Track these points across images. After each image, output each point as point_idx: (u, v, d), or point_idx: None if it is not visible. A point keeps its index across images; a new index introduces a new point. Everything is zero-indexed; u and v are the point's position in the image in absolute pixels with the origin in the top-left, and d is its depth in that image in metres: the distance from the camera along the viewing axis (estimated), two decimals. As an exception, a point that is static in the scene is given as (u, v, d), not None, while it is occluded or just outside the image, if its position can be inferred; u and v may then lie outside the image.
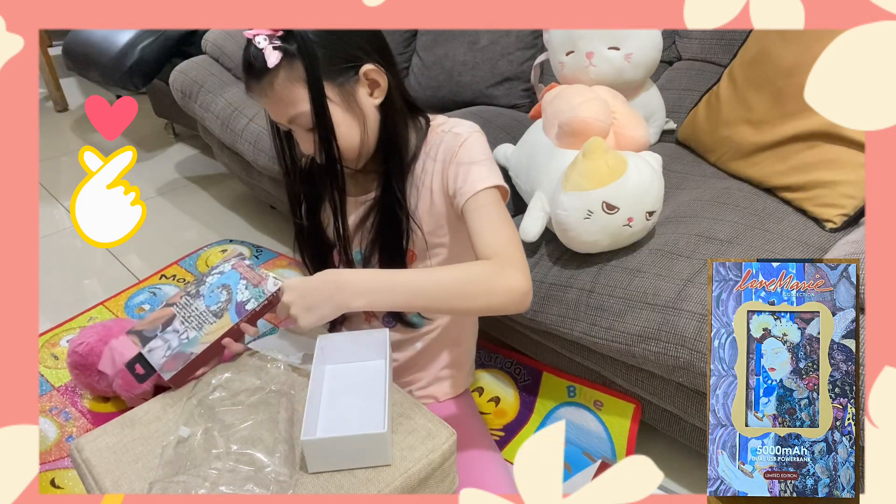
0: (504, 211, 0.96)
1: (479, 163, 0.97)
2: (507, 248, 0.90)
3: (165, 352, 0.91)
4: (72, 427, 1.49)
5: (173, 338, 0.92)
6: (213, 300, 0.93)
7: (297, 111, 0.90)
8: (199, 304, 0.93)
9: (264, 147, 1.83)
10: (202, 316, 0.92)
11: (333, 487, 0.80)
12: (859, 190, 1.17)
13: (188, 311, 0.92)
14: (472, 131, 1.01)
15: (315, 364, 0.90)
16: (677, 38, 1.70)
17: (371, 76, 0.93)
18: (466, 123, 1.03)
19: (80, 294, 2.01)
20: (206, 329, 0.91)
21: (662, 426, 1.29)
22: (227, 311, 0.91)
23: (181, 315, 0.92)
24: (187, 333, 0.91)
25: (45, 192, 2.62)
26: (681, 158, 1.50)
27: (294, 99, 0.90)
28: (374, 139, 0.98)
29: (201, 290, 0.94)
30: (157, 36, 2.41)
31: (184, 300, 0.94)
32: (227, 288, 0.93)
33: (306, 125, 0.92)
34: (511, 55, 1.81)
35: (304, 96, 0.89)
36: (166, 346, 0.91)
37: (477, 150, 0.98)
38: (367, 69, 0.92)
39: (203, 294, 0.94)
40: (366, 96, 0.94)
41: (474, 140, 0.99)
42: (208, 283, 0.95)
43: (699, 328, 1.05)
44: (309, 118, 0.90)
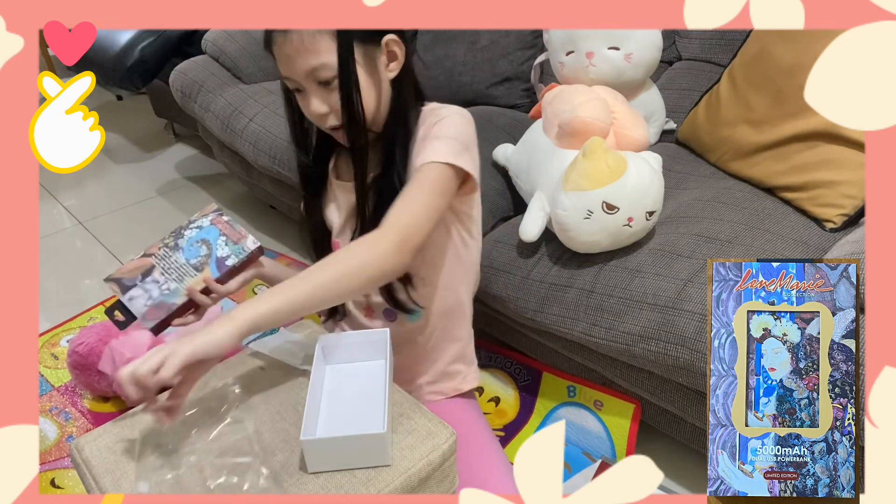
0: (436, 187, 0.92)
1: (443, 138, 0.95)
2: (398, 214, 0.89)
3: (146, 301, 0.92)
4: (72, 427, 1.49)
5: (154, 288, 0.92)
6: (193, 254, 0.93)
7: (321, 61, 0.90)
8: (178, 257, 0.93)
9: (264, 147, 1.83)
10: (182, 268, 0.92)
11: (333, 487, 0.80)
12: (859, 190, 1.17)
13: (167, 262, 0.93)
14: (453, 112, 1.00)
15: (315, 364, 0.90)
16: (677, 38, 1.70)
17: (392, 47, 0.95)
18: (454, 107, 1.02)
19: (80, 294, 2.01)
20: (188, 281, 0.92)
21: (662, 426, 1.29)
22: (207, 265, 0.92)
23: (161, 266, 0.93)
24: (168, 285, 0.92)
25: (45, 192, 2.63)
26: (681, 158, 1.50)
27: (319, 48, 0.90)
28: (385, 113, 0.99)
29: (180, 243, 0.94)
30: (157, 36, 2.41)
31: (162, 251, 0.94)
32: (207, 243, 0.93)
33: (326, 77, 0.92)
34: (511, 55, 1.81)
35: (329, 48, 0.90)
36: (147, 296, 0.92)
37: (449, 128, 0.96)
38: (390, 38, 0.94)
39: (182, 247, 0.94)
40: (384, 66, 0.95)
41: (451, 119, 0.98)
42: (186, 237, 0.95)
43: (699, 328, 1.05)
44: (331, 70, 0.90)
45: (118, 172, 2.80)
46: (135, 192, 2.61)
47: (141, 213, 2.48)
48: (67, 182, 2.67)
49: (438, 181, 0.93)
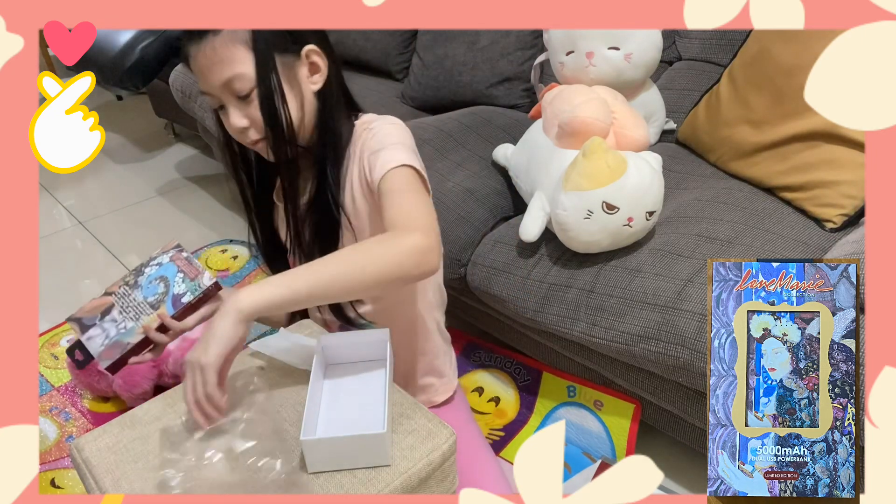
0: (417, 187, 0.90)
1: (388, 147, 0.92)
2: (409, 214, 0.85)
3: (104, 340, 0.93)
4: (72, 427, 1.49)
5: (111, 327, 0.93)
6: (151, 291, 0.94)
7: (236, 71, 0.88)
8: (136, 295, 0.94)
9: (264, 147, 1.83)
10: (139, 307, 0.93)
11: (333, 487, 0.80)
12: (859, 190, 1.17)
13: (126, 301, 0.94)
14: (384, 122, 0.97)
15: (315, 364, 0.90)
16: (677, 38, 1.70)
17: (312, 58, 0.93)
18: (385, 117, 0.99)
19: (80, 294, 2.01)
20: (143, 320, 0.92)
21: (662, 426, 1.29)
22: (163, 302, 0.92)
23: (119, 305, 0.94)
24: (125, 324, 0.93)
25: (45, 191, 2.63)
26: (681, 158, 1.50)
27: (234, 58, 0.87)
28: (311, 126, 0.96)
29: (139, 281, 0.95)
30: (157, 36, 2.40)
31: (122, 290, 0.95)
32: (165, 280, 0.94)
33: (243, 89, 0.89)
34: (511, 55, 1.81)
35: (244, 58, 0.88)
36: (104, 335, 0.93)
37: (385, 136, 0.94)
38: (310, 49, 0.92)
39: (141, 285, 0.95)
40: (305, 77, 0.93)
41: (383, 128, 0.95)
42: (147, 275, 0.96)
43: (699, 328, 1.05)
44: (247, 81, 0.88)
45: (118, 172, 2.80)
46: (135, 192, 2.61)
47: (141, 213, 2.48)
48: (67, 182, 2.67)
49: (412, 181, 0.90)
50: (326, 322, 1.12)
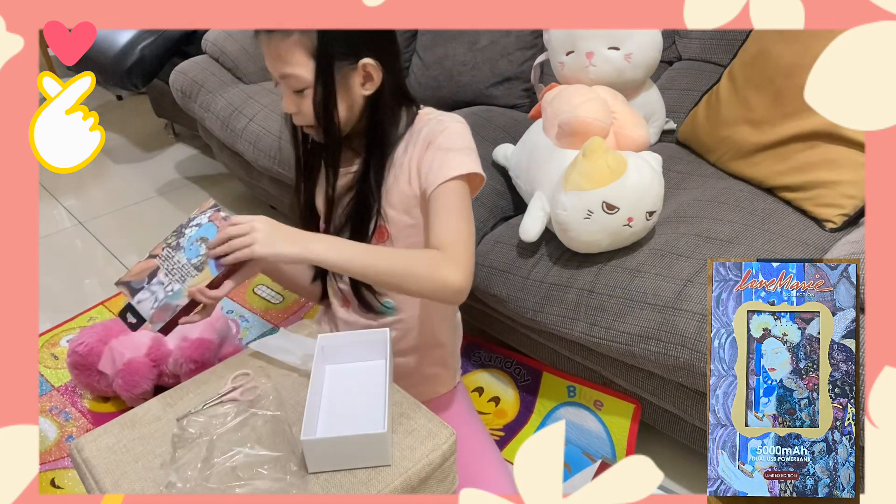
0: (466, 204, 0.98)
1: (456, 150, 0.99)
2: (457, 244, 0.95)
3: (153, 304, 0.93)
4: (72, 427, 1.49)
5: (159, 290, 0.93)
6: (194, 253, 0.94)
7: (292, 72, 0.93)
8: (179, 257, 0.94)
9: (264, 147, 1.83)
10: (184, 269, 0.93)
11: (333, 487, 0.80)
12: (859, 190, 1.17)
13: (170, 263, 0.94)
14: (454, 120, 1.03)
15: (315, 364, 0.90)
16: (677, 38, 1.70)
17: (368, 69, 0.96)
18: (452, 114, 1.05)
19: (80, 294, 2.01)
20: (189, 282, 0.92)
21: (662, 426, 1.29)
22: (206, 263, 0.92)
23: (164, 267, 0.94)
24: (172, 286, 0.93)
25: (45, 192, 2.62)
26: (681, 158, 1.50)
27: (293, 60, 0.93)
28: (357, 122, 1.02)
29: (181, 243, 0.95)
30: (157, 36, 2.41)
31: (165, 252, 0.95)
32: (206, 241, 0.94)
33: (294, 87, 0.95)
34: (511, 55, 1.81)
35: (301, 61, 0.93)
36: (153, 298, 0.93)
37: (457, 138, 1.00)
38: (367, 62, 0.96)
39: (183, 247, 0.95)
40: (357, 84, 0.98)
41: (456, 128, 1.01)
42: (187, 236, 0.95)
43: (699, 328, 1.05)
44: (299, 81, 0.94)
45: (118, 172, 2.80)
46: (135, 192, 2.61)
47: (141, 213, 2.48)
48: (67, 182, 2.67)
49: (465, 197, 0.99)
50: (346, 297, 1.14)
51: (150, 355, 1.45)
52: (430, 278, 0.92)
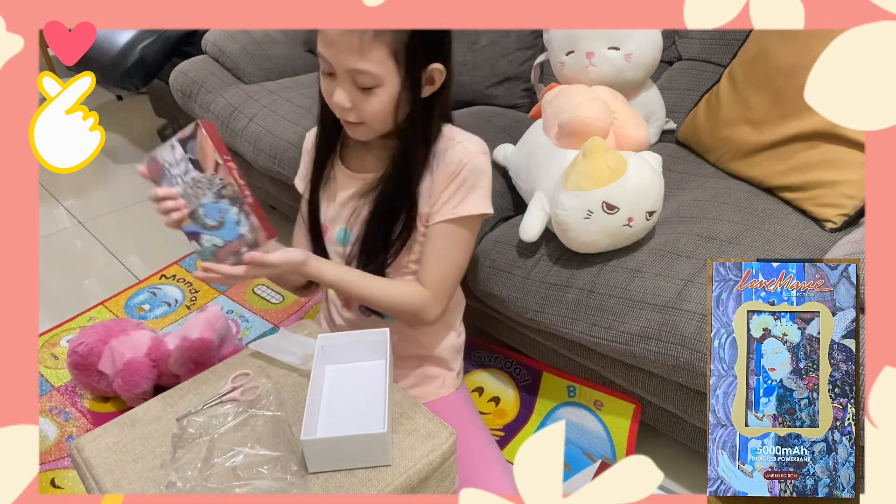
0: (469, 241, 1.05)
1: (476, 188, 1.02)
2: (444, 285, 1.05)
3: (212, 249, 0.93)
4: (72, 427, 1.49)
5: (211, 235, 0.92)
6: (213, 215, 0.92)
7: (367, 69, 0.90)
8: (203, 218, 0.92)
9: (264, 147, 1.83)
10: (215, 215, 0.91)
11: (333, 487, 0.80)
12: (859, 190, 1.17)
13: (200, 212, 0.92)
14: (480, 150, 1.03)
15: (315, 364, 0.90)
16: (677, 38, 1.70)
17: (433, 74, 0.96)
18: (476, 140, 1.05)
19: (80, 294, 2.01)
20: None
21: (662, 426, 1.29)
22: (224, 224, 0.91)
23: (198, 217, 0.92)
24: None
25: (45, 192, 2.62)
26: (681, 158, 1.50)
27: (373, 57, 0.90)
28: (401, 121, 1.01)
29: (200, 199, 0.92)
30: (157, 36, 2.41)
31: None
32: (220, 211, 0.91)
33: (363, 84, 0.92)
34: (511, 55, 1.81)
35: (380, 59, 0.90)
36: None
37: (480, 174, 1.02)
38: (435, 67, 0.96)
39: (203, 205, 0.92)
40: (418, 87, 0.97)
41: (481, 162, 1.02)
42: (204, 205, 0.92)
43: (699, 328, 1.05)
44: (372, 78, 0.91)
45: (118, 172, 2.80)
46: (135, 192, 2.61)
47: (141, 213, 2.48)
48: (67, 182, 2.67)
49: (473, 235, 1.06)
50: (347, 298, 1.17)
51: (150, 355, 1.45)
52: (409, 313, 1.05)
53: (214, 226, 0.91)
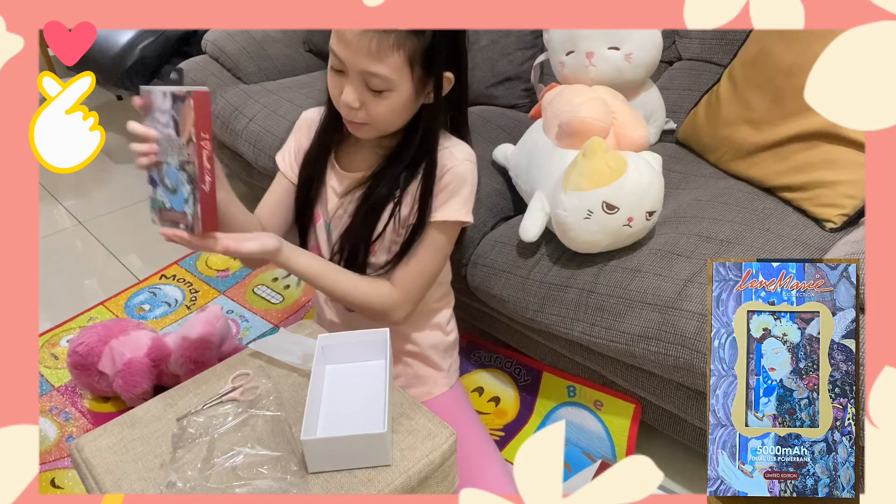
0: (444, 246, 1.05)
1: (458, 195, 1.02)
2: (415, 287, 1.06)
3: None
4: (72, 427, 1.49)
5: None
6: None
7: (380, 72, 0.90)
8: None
9: (264, 147, 1.83)
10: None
11: (333, 487, 0.80)
12: (859, 190, 1.17)
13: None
14: (466, 158, 1.03)
15: (315, 364, 0.90)
16: (677, 38, 1.70)
17: (443, 81, 0.97)
18: (464, 147, 1.05)
19: (80, 294, 2.01)
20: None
21: (662, 426, 1.29)
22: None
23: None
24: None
25: (45, 192, 2.62)
26: (681, 158, 1.50)
27: (387, 61, 0.89)
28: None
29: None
30: (157, 36, 2.41)
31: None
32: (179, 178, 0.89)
33: (376, 86, 0.92)
34: (511, 55, 1.81)
35: (395, 65, 0.90)
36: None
37: (463, 182, 1.02)
38: (447, 76, 0.97)
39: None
40: (427, 92, 0.98)
41: (466, 170, 1.02)
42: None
43: (699, 328, 1.05)
44: (385, 82, 0.91)
45: (118, 172, 2.80)
46: (135, 192, 2.61)
47: (141, 213, 2.48)
48: (67, 182, 2.67)
49: (449, 241, 1.06)
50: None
51: (150, 355, 1.45)
52: (376, 311, 1.05)
53: (170, 188, 0.90)
